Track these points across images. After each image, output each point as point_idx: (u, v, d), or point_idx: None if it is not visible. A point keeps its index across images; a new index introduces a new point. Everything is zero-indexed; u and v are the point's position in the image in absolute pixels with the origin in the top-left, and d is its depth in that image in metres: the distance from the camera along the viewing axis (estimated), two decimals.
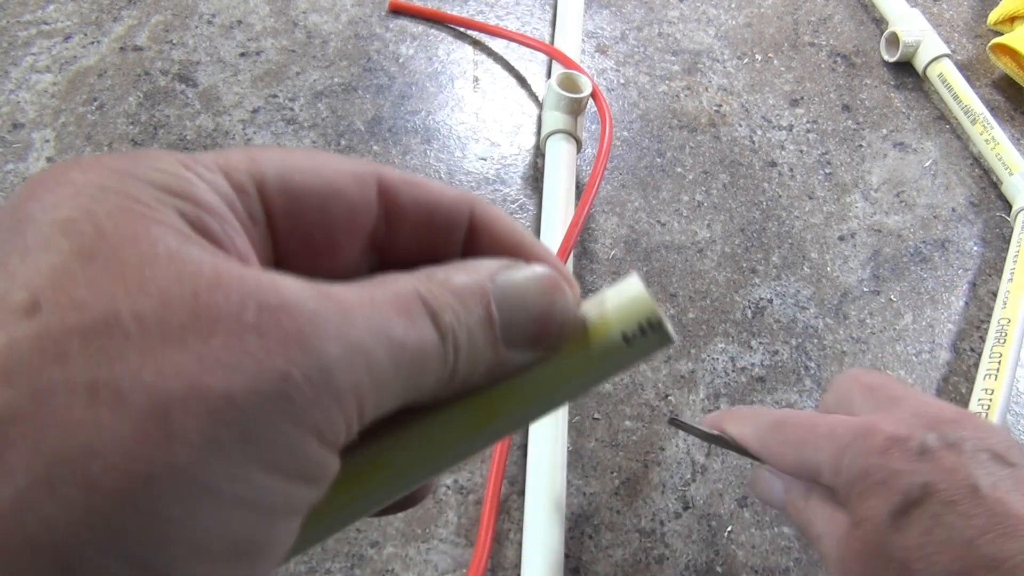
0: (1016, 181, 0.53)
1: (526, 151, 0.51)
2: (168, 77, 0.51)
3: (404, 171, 0.16)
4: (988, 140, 0.55)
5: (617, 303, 0.16)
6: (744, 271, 0.48)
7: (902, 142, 0.56)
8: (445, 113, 0.52)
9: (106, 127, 0.48)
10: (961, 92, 0.57)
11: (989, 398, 0.43)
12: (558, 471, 0.37)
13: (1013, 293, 0.47)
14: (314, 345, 0.11)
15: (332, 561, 0.36)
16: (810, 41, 0.61)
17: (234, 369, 0.10)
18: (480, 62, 0.56)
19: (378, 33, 0.56)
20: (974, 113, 0.56)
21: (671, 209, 0.50)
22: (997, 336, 0.45)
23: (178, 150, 0.47)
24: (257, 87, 0.51)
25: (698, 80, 0.57)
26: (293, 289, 0.12)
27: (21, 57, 0.50)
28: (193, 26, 0.54)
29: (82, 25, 0.52)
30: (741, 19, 0.62)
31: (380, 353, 0.12)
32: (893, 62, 0.60)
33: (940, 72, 0.58)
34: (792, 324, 0.46)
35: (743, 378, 0.44)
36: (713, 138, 0.54)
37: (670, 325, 0.16)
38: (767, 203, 0.52)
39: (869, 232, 0.51)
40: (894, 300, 0.48)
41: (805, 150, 0.55)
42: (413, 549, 0.36)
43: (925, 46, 0.59)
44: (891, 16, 0.61)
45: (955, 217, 0.53)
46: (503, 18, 0.58)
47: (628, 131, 0.53)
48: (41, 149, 0.46)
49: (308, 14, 0.56)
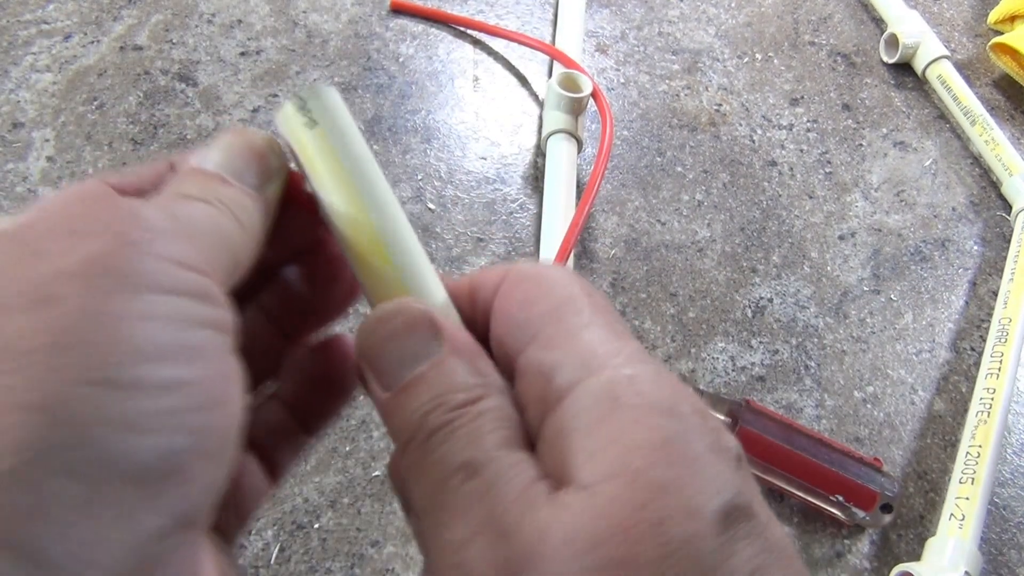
0: (1016, 182, 0.53)
1: (526, 151, 0.51)
2: (168, 76, 0.51)
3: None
4: (988, 141, 0.55)
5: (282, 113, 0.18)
6: (744, 270, 0.48)
7: (902, 141, 0.56)
8: (445, 112, 0.52)
9: (106, 126, 0.48)
10: (960, 93, 0.57)
11: (991, 397, 0.43)
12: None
13: (1014, 293, 0.47)
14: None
15: (332, 560, 0.36)
16: (810, 40, 0.61)
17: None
18: (480, 62, 0.56)
19: (378, 32, 0.56)
20: (974, 114, 0.56)
21: (671, 208, 0.50)
22: (998, 335, 0.45)
23: (178, 149, 0.47)
24: (257, 86, 0.51)
25: (698, 79, 0.57)
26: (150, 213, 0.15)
27: (21, 56, 0.50)
28: (193, 25, 0.54)
29: (82, 24, 0.52)
30: (741, 18, 0.62)
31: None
32: (892, 63, 0.60)
33: (939, 73, 0.58)
34: (792, 323, 0.46)
35: (743, 377, 0.44)
36: (713, 137, 0.54)
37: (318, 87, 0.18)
38: (767, 202, 0.51)
39: (869, 231, 0.51)
40: (894, 299, 0.48)
41: (805, 149, 0.55)
42: (413, 549, 0.36)
43: (924, 47, 0.59)
44: (890, 17, 0.61)
45: (955, 216, 0.53)
46: (503, 18, 0.58)
47: (628, 130, 0.53)
48: (41, 148, 0.46)
49: (308, 13, 0.56)
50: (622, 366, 0.15)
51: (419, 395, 0.16)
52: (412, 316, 0.17)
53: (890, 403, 0.44)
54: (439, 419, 0.15)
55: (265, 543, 0.36)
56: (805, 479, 0.38)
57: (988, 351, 0.45)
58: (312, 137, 0.17)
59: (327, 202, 0.17)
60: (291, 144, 0.18)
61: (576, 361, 0.15)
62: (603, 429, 0.14)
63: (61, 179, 0.45)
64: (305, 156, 0.18)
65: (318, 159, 0.17)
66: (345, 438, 0.39)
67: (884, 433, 0.43)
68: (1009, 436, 0.44)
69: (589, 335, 0.16)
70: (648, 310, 0.46)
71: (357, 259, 0.18)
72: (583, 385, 0.15)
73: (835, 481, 0.37)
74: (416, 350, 0.16)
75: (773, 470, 0.38)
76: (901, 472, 0.42)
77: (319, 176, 0.17)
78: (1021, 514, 0.42)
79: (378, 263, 0.17)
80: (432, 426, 0.15)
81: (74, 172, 0.46)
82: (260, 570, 0.35)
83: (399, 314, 0.17)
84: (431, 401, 0.15)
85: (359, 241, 0.17)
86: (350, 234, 0.17)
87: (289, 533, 0.36)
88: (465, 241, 0.47)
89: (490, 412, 0.16)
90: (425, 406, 0.15)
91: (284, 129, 0.18)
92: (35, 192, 0.45)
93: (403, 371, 0.16)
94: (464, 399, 0.16)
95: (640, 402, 0.15)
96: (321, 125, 0.17)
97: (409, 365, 0.16)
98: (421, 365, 0.16)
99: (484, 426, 0.15)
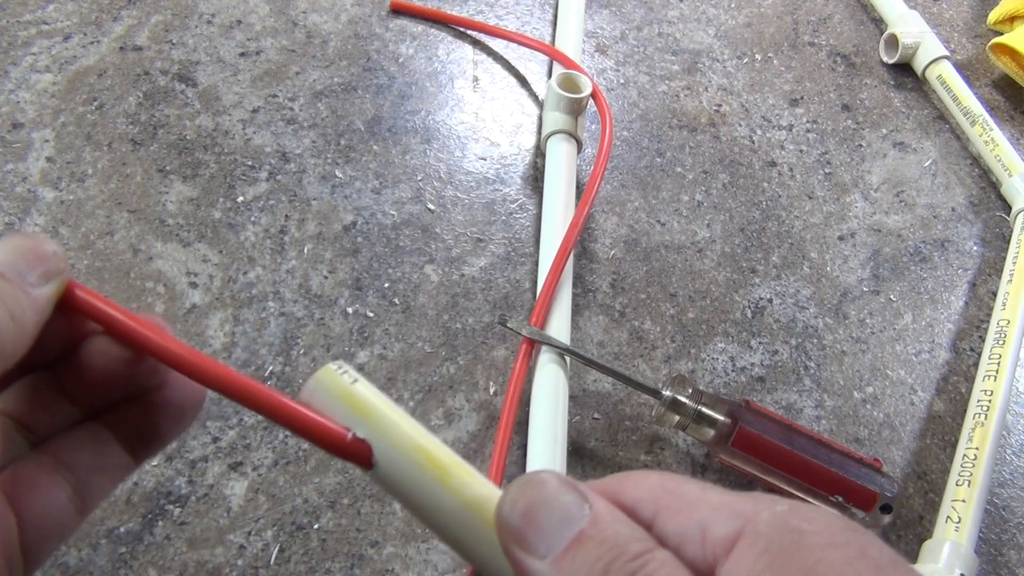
0: (1015, 182, 0.53)
1: (526, 151, 0.51)
2: (168, 77, 0.51)
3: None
4: (987, 142, 0.55)
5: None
6: (744, 271, 0.48)
7: (902, 142, 0.56)
8: (445, 113, 0.52)
9: (106, 127, 0.48)
10: (960, 94, 0.57)
11: (988, 399, 0.43)
12: (558, 471, 0.37)
13: (1012, 294, 0.47)
14: None
15: (332, 561, 0.36)
16: (810, 41, 0.61)
17: None
18: (480, 62, 0.56)
19: (378, 33, 0.56)
20: (973, 115, 0.56)
21: (671, 209, 0.50)
22: (996, 337, 0.45)
23: (178, 149, 0.47)
24: (257, 87, 0.51)
25: (698, 80, 0.57)
26: None
27: (21, 57, 0.50)
28: (193, 26, 0.54)
29: (82, 25, 0.52)
30: (741, 19, 0.62)
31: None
32: (892, 63, 0.60)
33: (939, 74, 0.58)
34: (792, 324, 0.46)
35: (743, 378, 0.44)
36: (713, 138, 0.54)
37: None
38: (767, 203, 0.52)
39: (869, 232, 0.51)
40: (894, 300, 0.48)
41: (805, 150, 0.55)
42: (413, 549, 0.36)
43: (924, 48, 0.59)
44: (890, 17, 0.61)
45: (955, 217, 0.53)
46: (503, 18, 0.58)
47: (628, 131, 0.53)
48: (41, 149, 0.46)
49: (308, 14, 0.56)
50: (773, 503, 0.15)
51: (590, 551, 0.15)
52: (556, 481, 0.17)
53: (890, 404, 0.44)
54: (628, 566, 0.15)
55: (264, 543, 0.36)
56: (805, 479, 0.38)
57: (986, 353, 0.45)
58: (360, 388, 0.19)
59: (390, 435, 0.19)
60: (341, 397, 0.19)
61: (724, 514, 0.15)
62: (797, 559, 0.14)
63: (61, 179, 0.45)
64: (356, 402, 0.19)
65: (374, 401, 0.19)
66: None
67: (884, 434, 0.43)
68: (1008, 437, 0.44)
69: (715, 494, 0.16)
70: (648, 310, 0.46)
71: (429, 464, 0.18)
72: (751, 528, 0.15)
73: (834, 481, 0.37)
74: (570, 511, 0.16)
75: (773, 470, 0.38)
76: (901, 473, 0.42)
77: (382, 414, 0.19)
78: (1021, 515, 0.42)
79: (449, 462, 0.18)
80: (624, 572, 0.15)
81: (74, 172, 0.46)
82: (259, 570, 0.35)
83: (545, 481, 0.17)
84: (609, 553, 0.15)
85: (429, 453, 0.18)
86: (419, 458, 0.18)
87: (289, 534, 0.36)
88: (465, 241, 0.47)
89: (670, 558, 0.15)
90: (603, 558, 0.15)
91: (328, 384, 0.19)
92: (35, 192, 0.45)
93: (563, 532, 0.16)
94: (640, 548, 0.15)
95: (816, 527, 0.15)
96: (360, 382, 0.19)
97: (568, 526, 0.16)
98: (579, 524, 0.16)
99: (677, 567, 0.15)
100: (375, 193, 0.48)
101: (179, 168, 0.47)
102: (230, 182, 0.47)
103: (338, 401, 0.19)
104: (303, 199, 0.47)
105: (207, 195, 0.46)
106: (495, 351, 0.43)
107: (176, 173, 0.47)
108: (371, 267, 0.45)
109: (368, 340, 0.42)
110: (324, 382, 0.19)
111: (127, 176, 0.46)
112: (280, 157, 0.48)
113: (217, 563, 0.35)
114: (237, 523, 0.36)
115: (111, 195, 0.45)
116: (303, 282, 0.44)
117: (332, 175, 0.48)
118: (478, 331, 0.43)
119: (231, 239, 0.45)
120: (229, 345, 0.41)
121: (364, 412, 0.18)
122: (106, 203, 0.45)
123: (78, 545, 0.35)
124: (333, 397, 0.19)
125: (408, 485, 0.18)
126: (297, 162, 0.48)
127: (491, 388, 0.41)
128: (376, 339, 0.42)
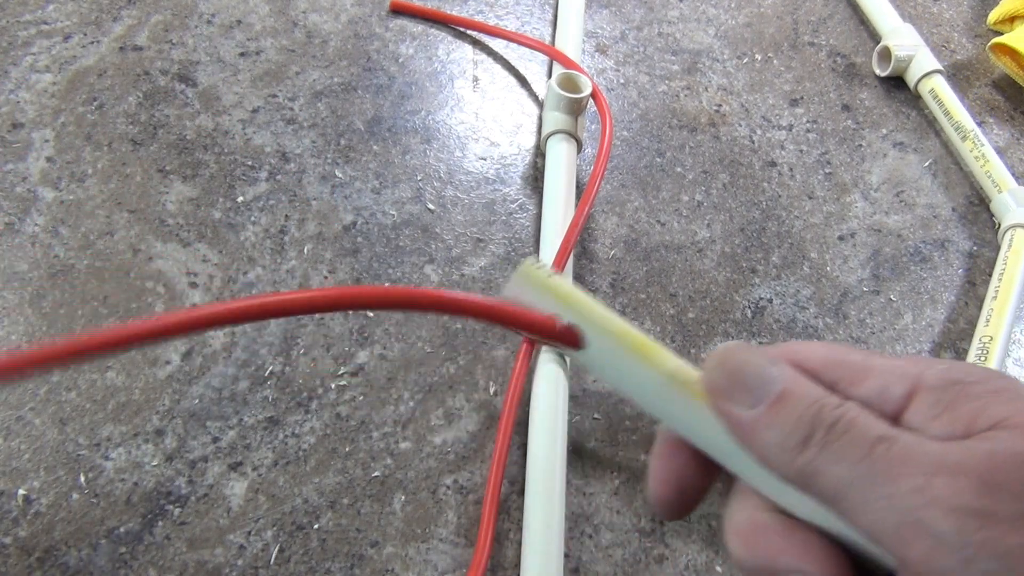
0: (1004, 199, 0.52)
1: (526, 151, 0.51)
2: (168, 77, 0.51)
3: None
4: (978, 157, 0.54)
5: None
6: (744, 271, 0.48)
7: (902, 142, 0.56)
8: (445, 113, 0.52)
9: (106, 127, 0.48)
10: (952, 108, 0.56)
11: None
12: (558, 471, 0.37)
13: (996, 311, 0.46)
14: None
15: (332, 561, 0.36)
16: (810, 41, 0.61)
17: None
18: (480, 62, 0.56)
19: (378, 33, 0.56)
20: (964, 129, 0.55)
21: (671, 209, 0.50)
22: (978, 355, 0.45)
23: (178, 149, 0.47)
24: (257, 87, 0.51)
25: (698, 80, 0.57)
26: None
27: (21, 57, 0.50)
28: (193, 26, 0.54)
29: (82, 25, 0.52)
30: (741, 19, 0.62)
31: None
32: (885, 76, 0.59)
33: (931, 88, 0.57)
34: (792, 324, 0.46)
35: None
36: (713, 138, 0.54)
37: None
38: (767, 203, 0.52)
39: (869, 232, 0.51)
40: (894, 300, 0.48)
41: (805, 150, 0.55)
42: (413, 549, 0.36)
43: (917, 61, 0.58)
44: (884, 30, 0.61)
45: (955, 217, 0.53)
46: (503, 18, 0.58)
47: (628, 131, 0.53)
48: (41, 149, 0.46)
49: (308, 14, 0.56)
50: (932, 363, 0.19)
51: (798, 402, 0.18)
52: (750, 348, 0.20)
53: None
54: (833, 414, 0.18)
55: (264, 544, 0.36)
56: None
57: None
58: (559, 281, 0.21)
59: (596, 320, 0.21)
60: (545, 289, 0.21)
61: (895, 376, 0.18)
62: (966, 404, 0.17)
63: (60, 179, 0.45)
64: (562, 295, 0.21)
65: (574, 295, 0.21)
66: (344, 439, 0.39)
67: None
68: None
69: (879, 360, 0.19)
70: (648, 310, 0.46)
71: (632, 346, 0.21)
72: (921, 385, 0.18)
73: None
74: (768, 371, 0.19)
75: None
76: None
77: (583, 301, 0.21)
78: None
79: (646, 340, 0.21)
80: (830, 420, 0.18)
81: (73, 172, 0.46)
82: (259, 571, 0.35)
83: (741, 348, 0.20)
84: (814, 404, 0.18)
85: (629, 333, 0.21)
86: (622, 338, 0.21)
87: (288, 534, 0.36)
88: (465, 241, 0.47)
89: (864, 409, 0.18)
90: (812, 408, 0.18)
91: (531, 279, 0.21)
92: (35, 192, 0.45)
93: (766, 387, 0.19)
94: (837, 400, 0.18)
95: (976, 378, 0.18)
96: (554, 275, 0.21)
97: (769, 383, 0.19)
98: (778, 383, 0.19)
99: (871, 415, 0.18)
100: (375, 193, 0.48)
101: (179, 168, 0.47)
102: (230, 182, 0.47)
103: (542, 293, 0.21)
104: (303, 199, 0.47)
105: (207, 195, 0.46)
106: (495, 351, 0.43)
107: (176, 173, 0.47)
108: (371, 267, 0.45)
109: (368, 340, 0.42)
110: (528, 277, 0.21)
111: (127, 176, 0.46)
112: (280, 157, 0.48)
113: (217, 563, 0.35)
114: (237, 523, 0.36)
115: (111, 195, 0.45)
116: (303, 282, 0.44)
117: (332, 175, 0.48)
118: (478, 331, 0.43)
119: (231, 239, 0.45)
120: (229, 345, 0.41)
121: (568, 301, 0.21)
122: (106, 203, 0.45)
123: (78, 545, 0.35)
124: (537, 290, 0.21)
125: (616, 362, 0.20)
126: (297, 162, 0.48)
127: (491, 388, 0.41)
128: (376, 339, 0.42)
